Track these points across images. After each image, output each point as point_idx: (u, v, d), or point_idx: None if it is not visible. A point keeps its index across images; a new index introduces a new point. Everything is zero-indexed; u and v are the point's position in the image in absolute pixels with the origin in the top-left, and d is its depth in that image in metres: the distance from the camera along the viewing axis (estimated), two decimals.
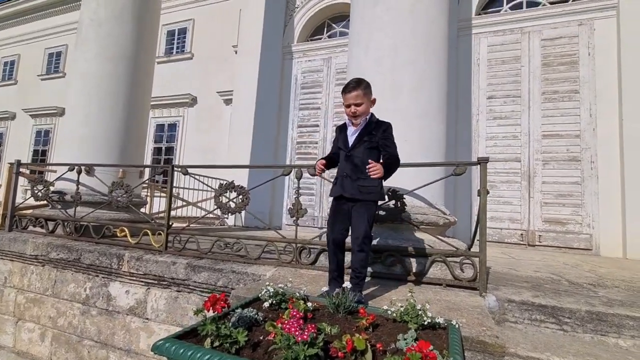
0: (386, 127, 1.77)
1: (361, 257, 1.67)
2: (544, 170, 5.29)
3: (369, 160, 1.65)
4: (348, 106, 1.76)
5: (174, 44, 10.71)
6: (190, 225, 3.18)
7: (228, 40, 9.40)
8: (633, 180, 4.76)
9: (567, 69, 5.30)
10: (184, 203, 6.11)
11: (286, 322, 1.13)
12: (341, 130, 1.85)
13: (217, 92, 9.33)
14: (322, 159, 1.83)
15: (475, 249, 2.30)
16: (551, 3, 5.69)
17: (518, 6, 5.91)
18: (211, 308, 1.30)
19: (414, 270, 2.15)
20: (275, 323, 1.21)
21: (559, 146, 5.25)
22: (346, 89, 1.77)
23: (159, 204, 7.94)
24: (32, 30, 13.54)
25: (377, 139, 1.73)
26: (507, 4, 6.01)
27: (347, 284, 1.63)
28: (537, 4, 5.77)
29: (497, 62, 5.69)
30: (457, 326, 1.35)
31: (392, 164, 1.72)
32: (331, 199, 1.83)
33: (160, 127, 10.49)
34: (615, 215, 4.89)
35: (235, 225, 6.85)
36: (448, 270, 2.07)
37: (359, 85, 1.76)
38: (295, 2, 7.26)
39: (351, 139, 1.77)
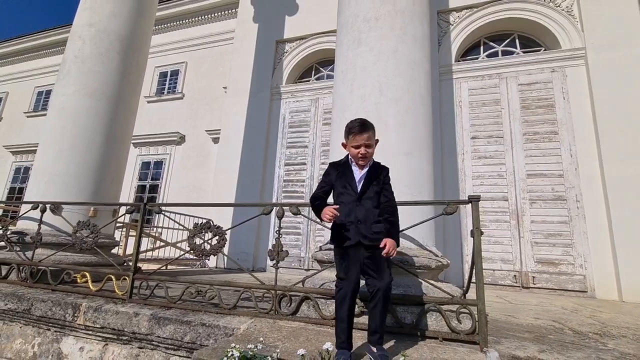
0: (387, 172, 1.74)
1: (386, 306, 1.56)
2: (532, 209, 5.26)
3: (384, 240, 1.57)
4: (357, 147, 1.66)
5: (166, 85, 10.92)
6: (163, 268, 2.89)
7: (219, 81, 9.66)
8: (619, 220, 4.74)
9: (545, 111, 5.51)
10: (162, 243, 5.76)
11: None
12: (343, 170, 1.71)
13: (206, 131, 9.38)
14: (328, 204, 1.66)
15: (471, 294, 2.12)
16: (525, 51, 6.08)
17: (494, 54, 6.28)
18: None
19: (406, 321, 1.92)
20: None
21: (544, 185, 5.28)
22: (356, 130, 1.66)
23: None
24: (22, 69, 13.71)
25: (382, 183, 1.70)
26: (483, 53, 6.39)
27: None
28: (512, 53, 6.15)
29: (479, 105, 5.90)
30: None
31: (397, 222, 1.67)
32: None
33: (145, 165, 10.32)
34: (607, 255, 4.80)
35: (217, 267, 6.44)
36: (444, 321, 1.86)
37: (369, 126, 1.68)
38: (285, 47, 7.58)
39: (359, 183, 1.67)
